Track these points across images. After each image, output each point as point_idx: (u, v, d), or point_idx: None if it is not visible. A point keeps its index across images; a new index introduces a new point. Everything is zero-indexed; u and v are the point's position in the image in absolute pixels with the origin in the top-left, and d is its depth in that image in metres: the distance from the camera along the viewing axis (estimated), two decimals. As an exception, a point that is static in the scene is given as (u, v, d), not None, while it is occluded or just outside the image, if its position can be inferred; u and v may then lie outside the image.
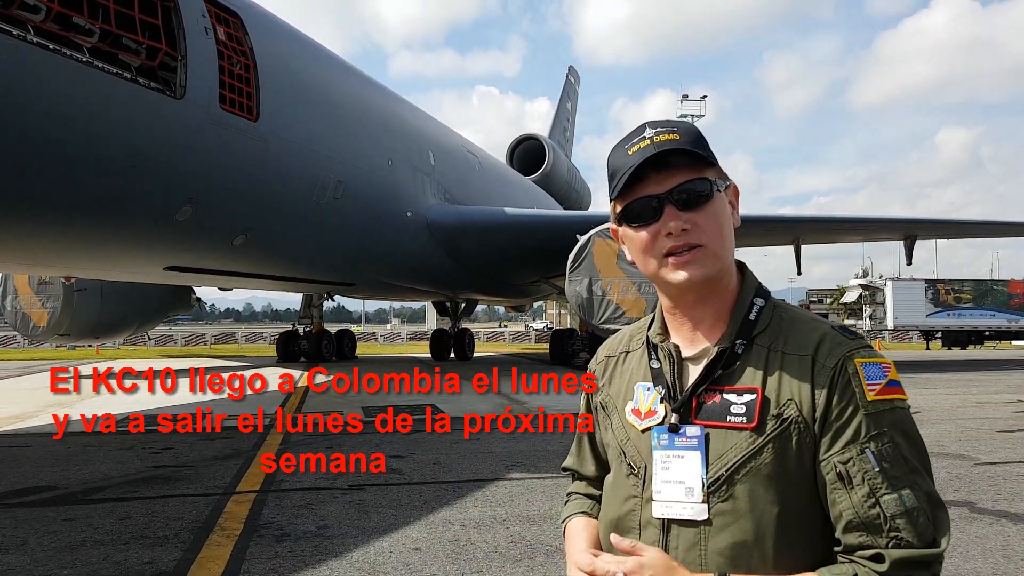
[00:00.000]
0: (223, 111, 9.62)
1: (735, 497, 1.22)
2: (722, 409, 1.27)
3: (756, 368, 1.27)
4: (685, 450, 1.27)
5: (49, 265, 11.37)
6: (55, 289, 16.66)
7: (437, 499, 5.69)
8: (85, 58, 7.75)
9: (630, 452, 1.36)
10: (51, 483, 6.36)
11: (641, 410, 1.37)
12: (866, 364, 1.23)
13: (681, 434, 1.28)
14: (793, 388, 1.24)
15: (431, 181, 17.15)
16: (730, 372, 1.29)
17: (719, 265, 1.30)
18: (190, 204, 9.82)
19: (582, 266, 14.98)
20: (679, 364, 1.35)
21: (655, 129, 1.30)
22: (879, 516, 1.16)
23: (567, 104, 37.92)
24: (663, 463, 1.29)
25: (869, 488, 1.17)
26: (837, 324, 1.33)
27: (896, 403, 1.22)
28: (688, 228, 1.27)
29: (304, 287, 19.18)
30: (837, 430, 1.20)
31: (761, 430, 1.23)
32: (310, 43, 13.28)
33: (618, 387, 1.46)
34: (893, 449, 1.19)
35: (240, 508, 5.47)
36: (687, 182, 1.28)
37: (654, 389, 1.36)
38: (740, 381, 1.27)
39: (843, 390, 1.22)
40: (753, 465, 1.22)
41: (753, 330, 1.31)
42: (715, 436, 1.26)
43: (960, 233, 24.01)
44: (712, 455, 1.26)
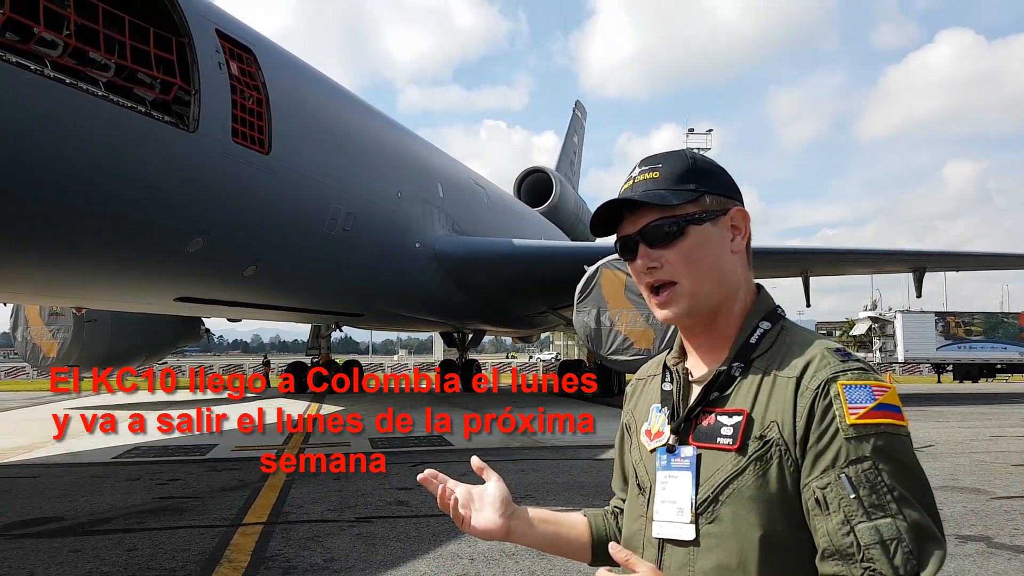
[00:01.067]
0: (235, 144, 9.73)
1: (720, 519, 1.22)
2: (713, 430, 1.27)
3: (748, 390, 1.27)
4: (679, 470, 1.29)
5: (62, 295, 11.45)
6: (65, 320, 16.74)
7: (445, 532, 5.65)
8: (100, 92, 7.88)
9: (640, 472, 1.39)
10: (58, 514, 6.34)
11: (652, 431, 1.39)
12: (850, 387, 1.20)
13: (677, 455, 1.30)
14: (777, 410, 1.23)
15: (440, 213, 17.25)
16: (726, 395, 1.29)
17: (696, 301, 1.31)
18: (201, 235, 9.89)
19: (590, 297, 14.97)
20: (686, 386, 1.37)
21: (642, 168, 1.35)
22: (852, 545, 1.12)
23: (574, 138, 38.22)
24: (662, 483, 1.31)
25: (844, 515, 1.14)
26: (834, 346, 1.28)
27: (884, 427, 1.17)
28: (656, 266, 1.31)
29: (313, 317, 19.22)
30: (816, 455, 1.18)
31: (743, 451, 1.22)
32: (321, 78, 13.46)
33: (640, 409, 1.48)
34: (874, 476, 1.14)
35: (247, 540, 5.44)
36: (654, 221, 1.31)
37: (663, 411, 1.38)
38: (732, 403, 1.28)
39: (823, 414, 1.19)
40: (735, 487, 1.21)
41: (752, 353, 1.30)
42: (706, 457, 1.27)
43: (969, 265, 23.94)
44: (702, 476, 1.26)
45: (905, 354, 37.20)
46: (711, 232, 1.32)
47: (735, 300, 1.35)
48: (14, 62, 6.95)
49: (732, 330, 1.34)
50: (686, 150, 1.40)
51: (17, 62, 6.98)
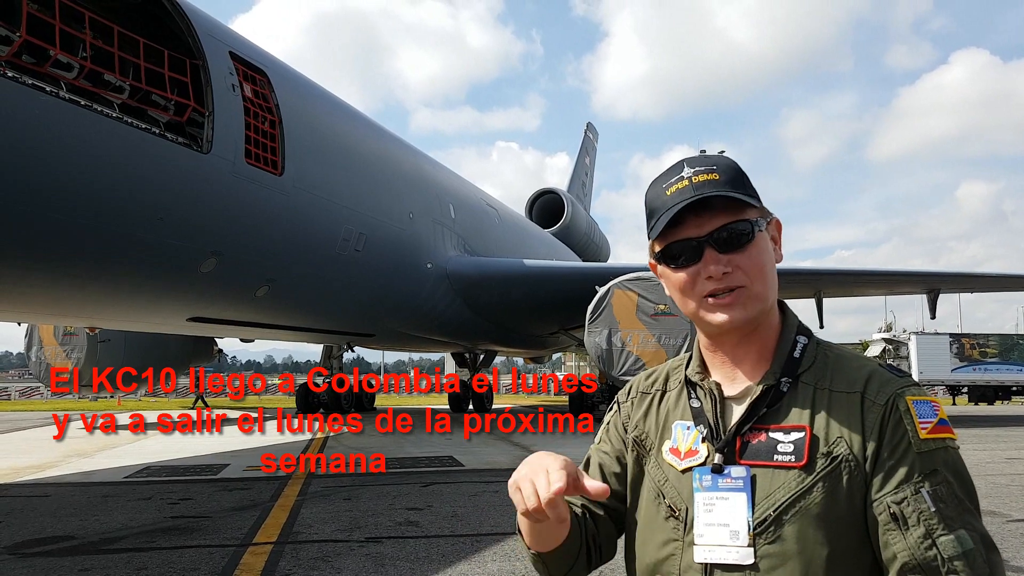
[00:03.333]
0: (248, 165, 9.83)
1: (783, 539, 1.18)
2: (768, 448, 1.23)
3: (803, 406, 1.24)
4: (730, 491, 1.23)
5: (75, 315, 11.54)
6: (79, 340, 16.87)
7: (455, 553, 5.61)
8: (115, 113, 7.99)
9: (669, 494, 1.31)
10: (69, 533, 6.35)
11: (681, 450, 1.32)
12: (917, 402, 1.20)
13: (726, 475, 1.24)
14: (842, 426, 1.21)
15: (451, 233, 17.32)
16: (776, 410, 1.25)
17: (761, 306, 1.28)
18: (215, 256, 9.97)
19: (601, 317, 14.96)
20: (721, 403, 1.31)
21: (693, 168, 1.29)
22: (936, 558, 1.12)
23: (585, 159, 38.36)
24: (706, 505, 1.24)
25: (925, 529, 1.13)
26: (885, 363, 1.31)
27: (948, 442, 1.19)
28: (729, 271, 1.26)
29: (325, 337, 19.28)
30: (890, 469, 1.17)
31: (811, 468, 1.19)
32: (334, 100, 13.60)
33: (655, 425, 1.40)
34: (947, 489, 1.15)
35: (256, 560, 5.42)
36: (727, 224, 1.26)
37: (695, 428, 1.32)
38: (787, 419, 1.24)
39: (895, 428, 1.19)
40: (803, 505, 1.17)
41: (798, 368, 1.28)
42: (761, 476, 1.22)
43: (984, 287, 23.76)
44: (758, 496, 1.21)
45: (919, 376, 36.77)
46: (767, 239, 1.31)
47: (772, 314, 1.33)
48: (30, 84, 7.06)
49: (768, 343, 1.31)
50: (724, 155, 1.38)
51: (33, 84, 7.10)
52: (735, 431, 1.26)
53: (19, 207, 7.44)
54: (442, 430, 16.66)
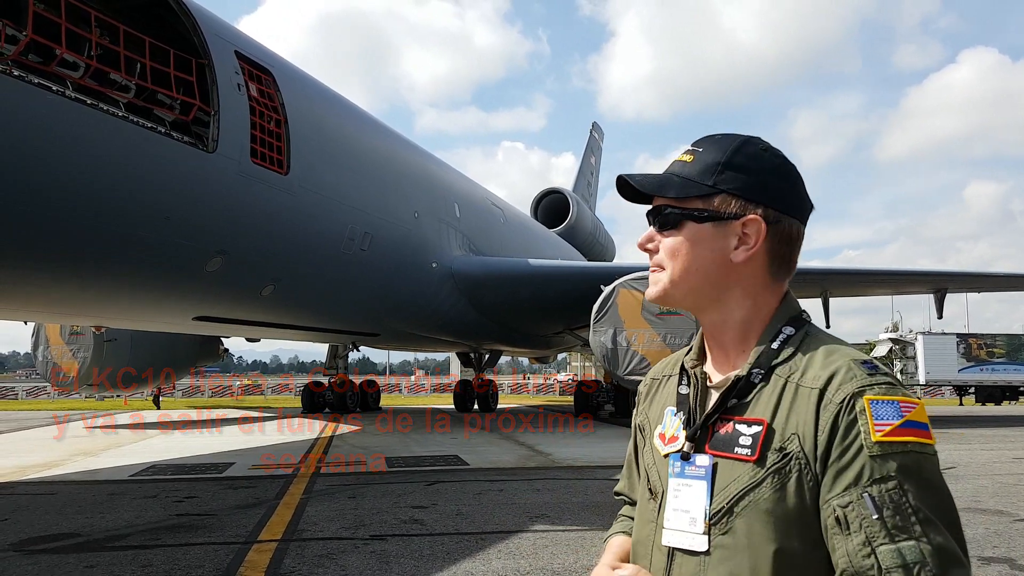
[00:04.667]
0: (254, 165, 9.84)
1: (734, 531, 1.18)
2: (731, 440, 1.22)
3: (769, 399, 1.22)
4: (693, 479, 1.25)
5: (82, 314, 11.58)
6: (85, 340, 16.91)
7: (460, 550, 5.61)
8: (121, 112, 8.01)
9: (652, 476, 1.34)
10: (74, 530, 6.37)
11: (666, 435, 1.34)
12: (877, 402, 1.14)
13: (691, 462, 1.26)
14: (799, 422, 1.17)
15: (456, 233, 17.32)
16: (745, 402, 1.24)
17: (673, 292, 1.30)
18: (220, 255, 9.99)
19: (607, 316, 14.93)
20: (703, 391, 1.32)
21: (688, 149, 1.34)
22: (873, 567, 1.06)
23: (591, 159, 38.32)
24: (675, 491, 1.27)
25: (865, 536, 1.08)
26: (861, 357, 1.21)
27: (910, 446, 1.12)
28: (652, 248, 1.33)
29: (330, 337, 19.31)
30: (838, 471, 1.13)
31: (761, 463, 1.17)
32: (339, 99, 13.61)
33: (655, 410, 1.44)
34: (898, 496, 1.08)
35: (261, 557, 5.43)
36: (662, 206, 1.31)
37: (678, 415, 1.33)
38: (751, 412, 1.22)
39: (847, 429, 1.13)
40: (752, 499, 1.17)
41: (774, 359, 1.25)
42: (722, 467, 1.22)
43: (992, 286, 23.64)
44: (717, 486, 1.22)
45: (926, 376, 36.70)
46: (709, 233, 1.27)
47: (738, 307, 1.30)
48: (36, 83, 7.08)
49: (753, 333, 1.30)
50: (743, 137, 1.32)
51: (39, 83, 7.12)
52: (705, 420, 1.27)
53: (25, 205, 7.47)
54: (443, 430, 16.67)
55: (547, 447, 12.74)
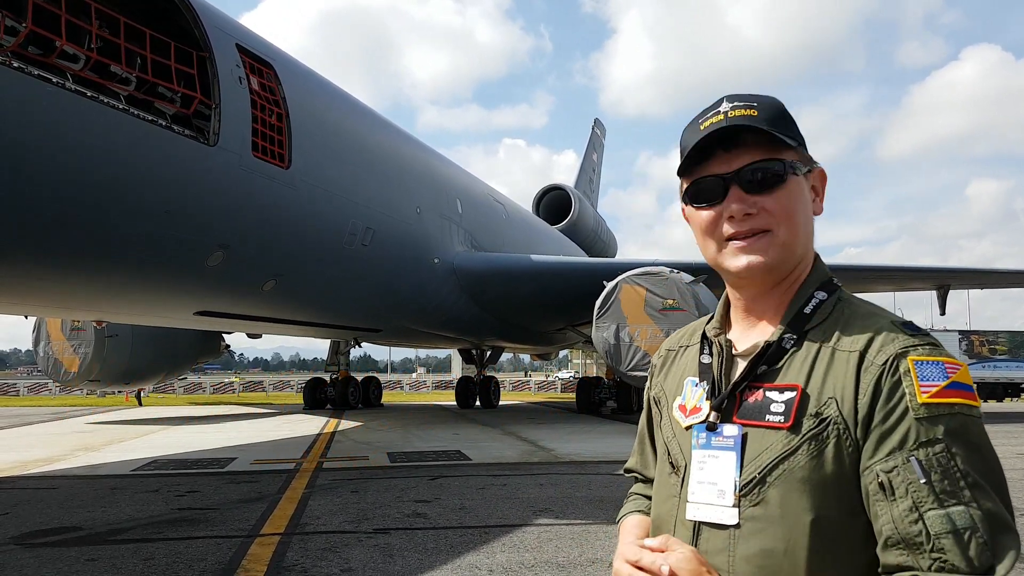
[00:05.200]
0: (255, 158, 9.79)
1: (767, 502, 1.12)
2: (762, 407, 1.17)
3: (802, 365, 1.17)
4: (721, 450, 1.19)
5: (82, 309, 11.53)
6: (86, 335, 16.87)
7: (463, 544, 5.57)
8: (121, 105, 7.96)
9: (673, 450, 1.29)
10: (76, 524, 6.33)
11: (687, 406, 1.29)
12: (922, 363, 1.09)
13: (718, 433, 1.20)
14: (836, 386, 1.12)
15: (458, 229, 17.27)
16: (776, 369, 1.18)
17: (785, 256, 1.20)
18: (221, 249, 9.94)
19: (609, 312, 14.86)
20: (728, 359, 1.26)
21: (732, 103, 1.21)
22: (921, 534, 1.02)
23: (593, 155, 38.24)
24: (699, 463, 1.21)
25: (912, 502, 1.03)
26: (901, 319, 1.18)
27: (957, 408, 1.06)
28: (753, 213, 1.18)
29: (332, 333, 19.26)
30: (882, 435, 1.07)
31: (796, 430, 1.12)
32: (341, 94, 13.56)
33: (672, 382, 1.38)
34: (947, 459, 1.04)
35: (264, 550, 5.39)
36: (757, 162, 1.18)
37: (700, 385, 1.28)
38: (783, 378, 1.17)
39: (891, 391, 1.08)
40: (787, 467, 1.11)
41: (806, 324, 1.20)
42: (753, 436, 1.17)
43: (995, 283, 23.56)
44: (748, 456, 1.16)
45: (929, 373, 36.62)
46: (803, 186, 1.22)
47: (802, 268, 1.25)
48: (36, 75, 7.03)
49: (788, 298, 1.24)
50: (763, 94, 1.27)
51: (39, 75, 7.06)
52: (733, 388, 1.21)
53: (25, 199, 7.41)
54: (445, 426, 16.64)
55: (550, 443, 12.69)
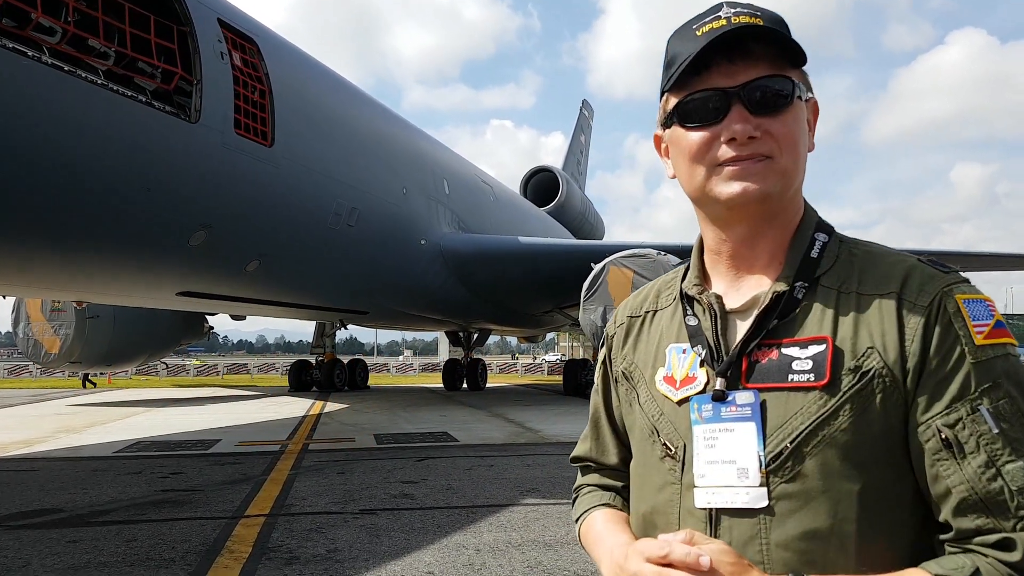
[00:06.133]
0: (238, 136, 9.62)
1: (803, 475, 0.97)
2: (781, 367, 1.01)
3: (823, 313, 1.02)
4: (735, 421, 1.02)
5: (62, 289, 11.35)
6: (67, 316, 16.66)
7: (450, 524, 5.53)
8: (100, 80, 7.78)
9: (664, 430, 1.10)
10: (57, 506, 6.24)
11: (676, 377, 1.11)
12: (970, 301, 0.98)
13: (729, 402, 1.03)
14: (875, 334, 0.99)
15: (445, 210, 17.14)
16: (790, 321, 1.04)
17: (784, 187, 1.04)
18: (203, 229, 9.78)
19: (596, 294, 14.81)
20: (723, 318, 1.09)
21: (734, 9, 1.04)
22: (1003, 490, 0.90)
23: (580, 137, 38.10)
24: (707, 440, 1.04)
25: (987, 456, 0.91)
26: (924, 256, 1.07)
27: (1008, 348, 0.96)
28: (757, 136, 1.01)
29: (317, 314, 19.12)
30: (938, 385, 0.95)
31: (834, 388, 0.97)
32: (326, 71, 13.36)
33: (645, 352, 1.19)
34: (1011, 405, 0.93)
35: (249, 531, 5.33)
36: (765, 77, 1.02)
37: (691, 351, 1.10)
38: (803, 331, 1.02)
39: (944, 334, 0.96)
40: (826, 433, 0.96)
41: (816, 269, 1.06)
42: (774, 401, 1.01)
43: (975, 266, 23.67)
44: (771, 425, 1.00)
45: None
46: (803, 113, 1.07)
47: (795, 208, 1.10)
48: (10, 48, 6.84)
49: (782, 243, 1.09)
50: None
51: (14, 48, 6.88)
52: (740, 349, 1.05)
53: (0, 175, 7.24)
54: (432, 408, 16.60)
55: (536, 424, 12.68)
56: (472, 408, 16.31)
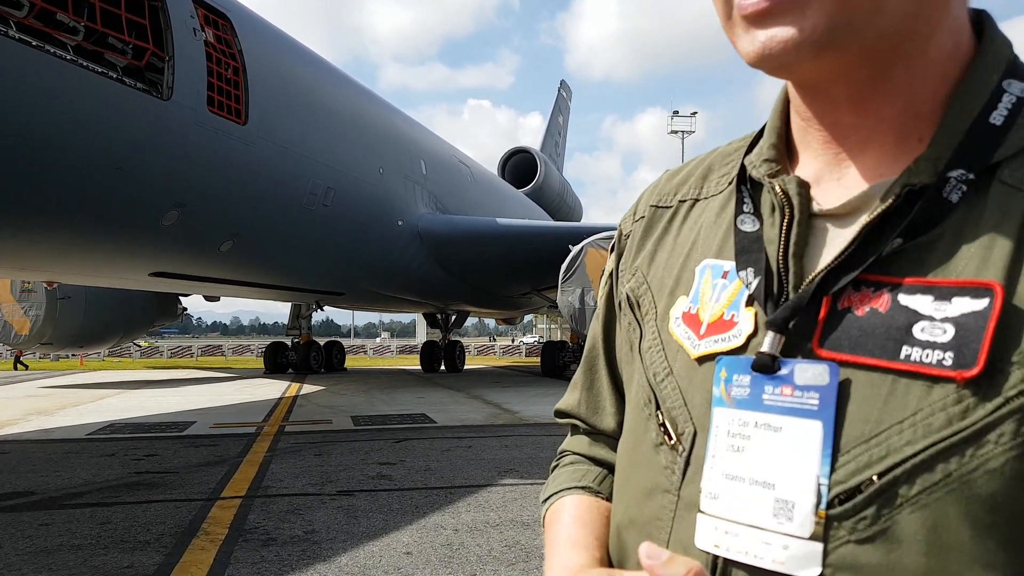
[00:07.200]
0: (211, 113, 9.45)
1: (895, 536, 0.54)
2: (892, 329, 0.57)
3: (995, 238, 0.56)
4: (787, 415, 0.59)
5: (31, 268, 11.14)
6: (38, 297, 16.38)
7: (428, 504, 5.52)
8: (69, 56, 7.59)
9: (668, 399, 0.69)
10: (29, 488, 6.15)
11: (703, 317, 0.68)
12: None
13: (781, 378, 0.60)
14: None
15: (422, 190, 17.03)
16: (925, 244, 0.58)
17: (848, 18, 0.56)
18: (176, 208, 9.63)
19: (574, 276, 14.84)
20: (803, 224, 0.64)
21: None
22: None
23: (559, 118, 37.98)
24: (732, 437, 0.62)
25: None
26: None
27: None
28: None
29: (293, 295, 18.97)
30: None
31: (991, 385, 0.53)
32: (301, 49, 13.16)
33: (667, 266, 0.76)
34: None
35: (225, 513, 5.29)
36: None
37: (737, 274, 0.67)
38: (949, 266, 0.57)
39: None
40: (957, 468, 0.53)
41: (996, 148, 0.58)
42: (865, 390, 0.57)
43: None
44: (851, 434, 0.57)
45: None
46: None
47: (937, 26, 0.60)
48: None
49: (930, 96, 0.62)
50: None
51: (-21, 21, 6.69)
52: (819, 285, 0.60)
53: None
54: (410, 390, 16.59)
55: (514, 405, 12.71)
56: (450, 390, 16.30)
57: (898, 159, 0.62)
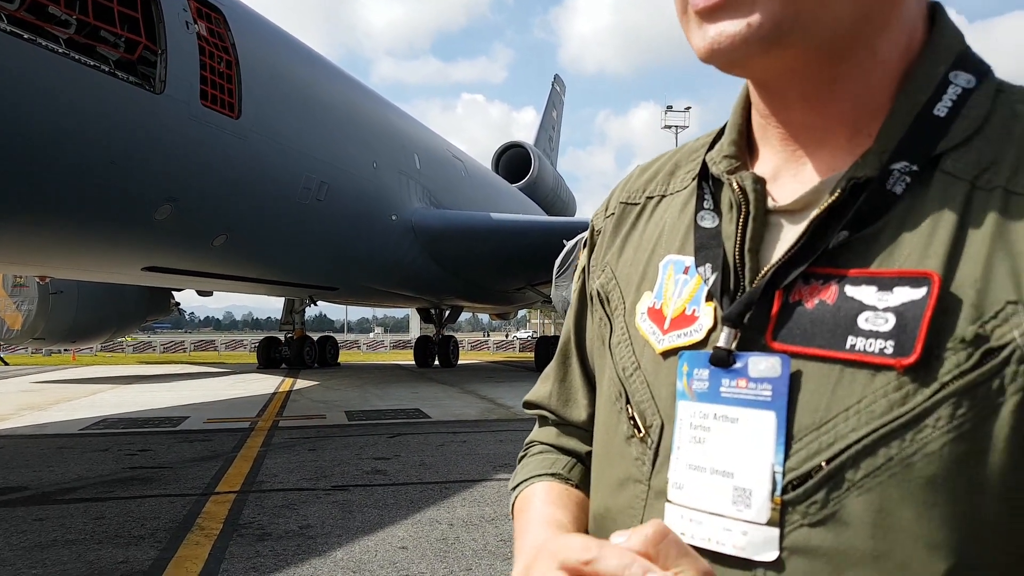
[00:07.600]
0: (204, 107, 9.43)
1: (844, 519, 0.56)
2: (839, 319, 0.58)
3: (935, 228, 0.58)
4: (742, 406, 0.61)
5: (23, 263, 11.11)
6: (30, 292, 16.32)
7: (423, 499, 5.53)
8: (61, 49, 7.56)
9: (636, 393, 0.70)
10: (23, 483, 6.13)
11: (665, 311, 0.70)
12: None
13: (736, 371, 0.62)
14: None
15: (416, 185, 17.01)
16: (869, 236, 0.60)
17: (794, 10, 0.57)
18: (169, 202, 9.61)
19: (568, 271, 14.80)
20: (759, 219, 0.65)
21: None
22: None
23: (552, 112, 37.97)
24: (694, 429, 0.64)
25: None
26: None
27: None
28: None
29: (286, 290, 18.95)
30: None
31: (928, 371, 0.55)
32: (295, 43, 13.12)
33: (634, 261, 0.77)
34: None
35: (219, 508, 5.28)
36: None
37: (696, 270, 0.68)
38: (892, 257, 0.58)
39: None
40: (899, 452, 0.55)
41: (940, 139, 0.60)
42: (815, 381, 0.59)
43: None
44: (802, 422, 0.59)
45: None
46: None
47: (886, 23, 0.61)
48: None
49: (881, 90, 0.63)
50: None
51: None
52: (771, 280, 0.62)
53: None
54: (404, 385, 16.59)
55: (509, 400, 12.71)
56: (444, 385, 16.31)
57: (850, 154, 0.63)
